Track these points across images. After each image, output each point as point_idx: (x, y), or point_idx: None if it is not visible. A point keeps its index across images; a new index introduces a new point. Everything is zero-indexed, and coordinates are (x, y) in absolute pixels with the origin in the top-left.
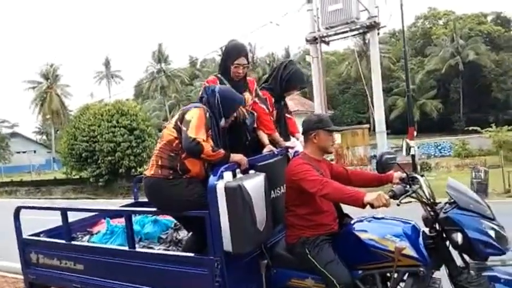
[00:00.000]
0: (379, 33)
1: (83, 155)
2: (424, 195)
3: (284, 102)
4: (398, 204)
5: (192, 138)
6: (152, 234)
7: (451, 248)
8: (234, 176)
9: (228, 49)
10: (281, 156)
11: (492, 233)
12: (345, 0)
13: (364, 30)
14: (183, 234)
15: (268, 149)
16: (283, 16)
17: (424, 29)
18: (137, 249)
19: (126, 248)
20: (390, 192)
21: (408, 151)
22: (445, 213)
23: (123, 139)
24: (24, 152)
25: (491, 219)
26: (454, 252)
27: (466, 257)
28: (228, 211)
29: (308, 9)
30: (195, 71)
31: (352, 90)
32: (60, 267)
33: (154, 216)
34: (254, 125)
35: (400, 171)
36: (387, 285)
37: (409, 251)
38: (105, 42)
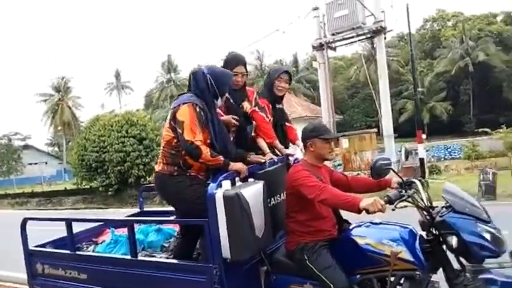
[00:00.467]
0: (385, 38)
1: (93, 166)
2: (420, 199)
3: (281, 109)
4: (393, 209)
5: (190, 142)
6: (155, 243)
7: (447, 251)
8: (234, 184)
9: (227, 59)
10: (281, 164)
11: (488, 236)
12: (351, 6)
13: (371, 35)
14: None
15: (268, 157)
16: (290, 24)
17: (432, 32)
18: (139, 257)
19: (129, 256)
20: (386, 197)
21: (407, 156)
22: (441, 217)
23: (132, 149)
24: (35, 163)
25: (487, 222)
26: (451, 256)
27: (463, 260)
28: (227, 219)
29: (314, 16)
30: None
31: (361, 95)
32: (65, 277)
33: (157, 225)
34: (253, 134)
35: (395, 176)
36: None
37: (405, 255)
38: (115, 54)
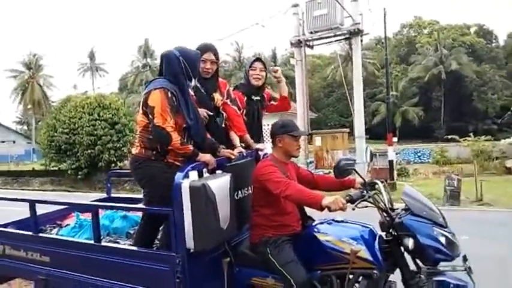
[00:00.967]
0: (362, 40)
1: (63, 147)
2: (381, 200)
3: (259, 101)
4: (353, 209)
5: (160, 127)
6: (121, 229)
7: (405, 252)
8: (201, 175)
9: (197, 47)
10: (250, 158)
11: (443, 240)
12: (330, 6)
13: (348, 36)
14: None
15: (238, 150)
16: (270, 18)
17: (409, 38)
18: (102, 243)
19: (92, 242)
20: (347, 196)
21: (371, 158)
22: (399, 218)
23: (103, 133)
24: (2, 141)
25: (443, 227)
26: (408, 257)
27: (419, 262)
28: (192, 209)
29: (294, 12)
30: None
31: (336, 94)
32: (27, 259)
33: (124, 212)
34: (223, 125)
35: (358, 177)
36: (343, 286)
37: (364, 254)
38: (90, 34)
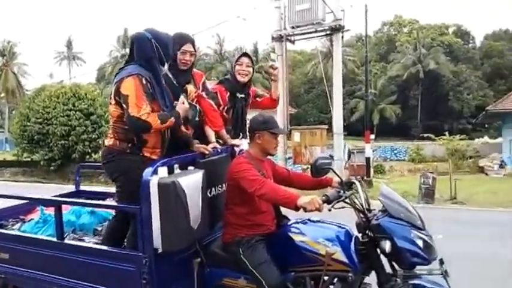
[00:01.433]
0: (343, 37)
1: (35, 138)
2: (358, 201)
3: (243, 99)
4: (330, 210)
5: (136, 118)
6: (88, 225)
7: (381, 255)
8: (172, 171)
9: (174, 37)
10: (225, 154)
11: (420, 243)
12: (312, 1)
13: (329, 32)
14: None
15: (212, 145)
16: (252, 11)
17: (389, 36)
18: (66, 241)
19: (55, 239)
20: (324, 196)
21: (349, 156)
22: (376, 220)
23: (78, 123)
24: None
25: (421, 229)
26: (384, 259)
27: (395, 265)
28: (160, 208)
29: (276, 6)
30: None
31: (316, 90)
32: None
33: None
34: (197, 118)
35: (335, 176)
36: None
37: (340, 256)
38: (68, 22)
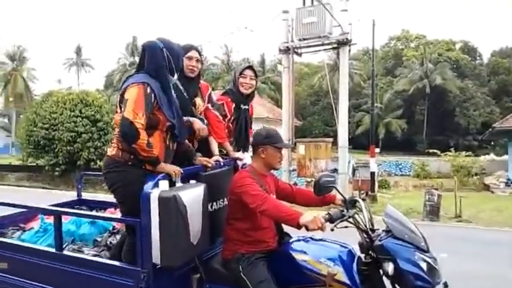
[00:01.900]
0: (350, 50)
1: (41, 143)
2: (362, 220)
3: (247, 110)
4: (332, 229)
5: (129, 121)
6: (88, 236)
7: (384, 276)
8: (173, 184)
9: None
10: (228, 167)
11: (424, 266)
12: (320, 14)
13: (336, 45)
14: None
15: (215, 158)
16: (259, 24)
17: (396, 50)
18: (65, 252)
19: (53, 250)
20: (327, 215)
21: (353, 172)
22: (380, 241)
23: (84, 130)
24: None
25: (425, 251)
26: (386, 281)
27: (398, 287)
28: (160, 222)
29: (283, 18)
30: None
31: (322, 103)
32: None
33: None
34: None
35: (338, 194)
36: None
37: (341, 277)
38: (77, 29)
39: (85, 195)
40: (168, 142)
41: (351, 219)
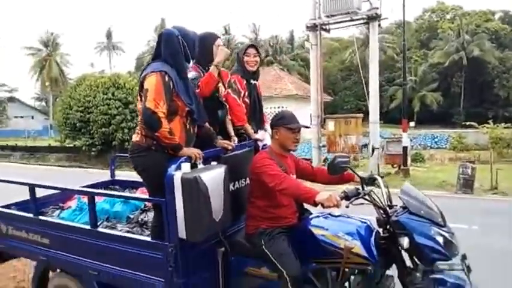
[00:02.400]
0: (380, 25)
1: (77, 125)
2: (378, 197)
3: (256, 86)
4: (347, 206)
5: (151, 111)
6: (121, 213)
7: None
8: (195, 166)
9: (204, 36)
10: (249, 148)
11: (440, 239)
12: None
13: (365, 21)
14: (151, 215)
15: (233, 140)
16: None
17: (430, 22)
18: (99, 229)
19: (88, 227)
20: (342, 193)
21: (372, 152)
22: (396, 216)
23: (117, 112)
24: (21, 117)
25: (442, 226)
26: (405, 254)
27: (416, 260)
28: (184, 201)
29: None
30: None
31: (354, 78)
32: (28, 240)
33: None
34: (228, 117)
35: (350, 175)
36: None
37: (359, 250)
38: (108, 13)
39: (121, 174)
40: (189, 126)
41: (366, 197)
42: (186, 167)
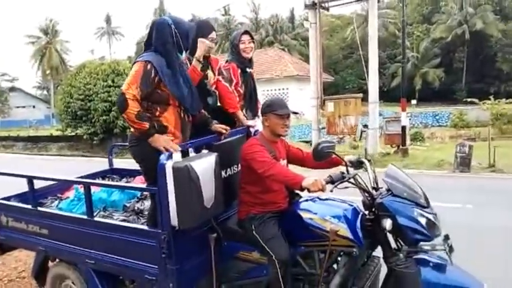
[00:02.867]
0: (379, 1)
1: (78, 113)
2: (362, 180)
3: (251, 74)
4: (332, 190)
5: (121, 93)
6: (118, 202)
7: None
8: (187, 154)
9: (200, 25)
10: (241, 135)
11: (423, 221)
12: None
13: None
14: (147, 204)
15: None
16: None
17: None
18: (96, 218)
19: (85, 216)
20: (328, 177)
21: (360, 136)
22: (380, 199)
23: None
24: (23, 106)
25: (425, 207)
26: (390, 235)
27: (400, 241)
28: (176, 189)
29: None
30: None
31: (355, 56)
32: (27, 231)
33: None
34: (217, 104)
35: (339, 159)
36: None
37: (344, 232)
38: None
39: (123, 162)
40: (183, 115)
41: (351, 180)
42: (177, 156)
